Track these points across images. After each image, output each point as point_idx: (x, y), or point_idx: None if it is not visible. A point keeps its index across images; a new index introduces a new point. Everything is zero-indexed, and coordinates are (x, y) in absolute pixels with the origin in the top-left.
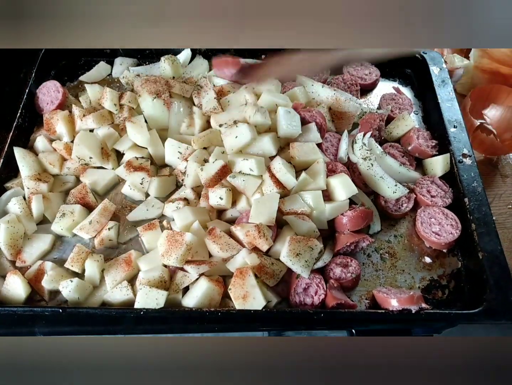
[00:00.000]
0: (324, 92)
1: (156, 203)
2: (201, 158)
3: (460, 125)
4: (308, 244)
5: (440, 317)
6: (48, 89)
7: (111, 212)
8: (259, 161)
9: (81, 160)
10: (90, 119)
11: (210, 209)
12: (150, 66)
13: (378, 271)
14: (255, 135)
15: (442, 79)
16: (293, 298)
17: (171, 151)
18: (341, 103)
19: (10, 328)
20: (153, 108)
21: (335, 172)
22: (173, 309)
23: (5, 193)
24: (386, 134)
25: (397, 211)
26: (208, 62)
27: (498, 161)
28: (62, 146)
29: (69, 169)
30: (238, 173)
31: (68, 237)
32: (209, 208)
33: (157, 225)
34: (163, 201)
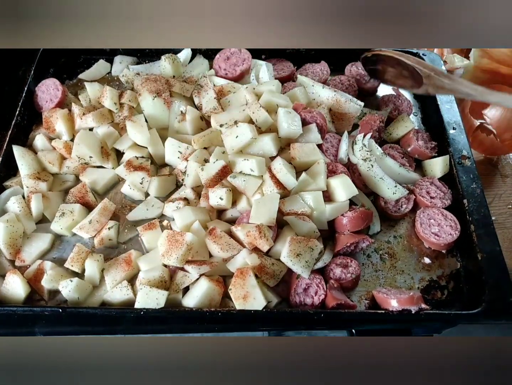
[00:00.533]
0: (324, 93)
1: (156, 203)
2: (201, 158)
3: (459, 127)
4: (309, 245)
5: (440, 318)
6: (47, 87)
7: (111, 212)
8: (259, 161)
9: (81, 159)
10: (89, 118)
11: (210, 209)
12: (150, 64)
13: (378, 271)
14: (255, 135)
15: None
16: (293, 298)
17: (171, 150)
18: (342, 104)
19: (9, 328)
20: (153, 108)
21: (336, 173)
22: (173, 309)
23: (4, 191)
24: (386, 135)
25: (396, 212)
26: (209, 61)
27: (498, 161)
28: (61, 145)
29: (69, 168)
30: (238, 173)
31: (68, 236)
32: (209, 208)
33: (157, 224)
34: (163, 200)
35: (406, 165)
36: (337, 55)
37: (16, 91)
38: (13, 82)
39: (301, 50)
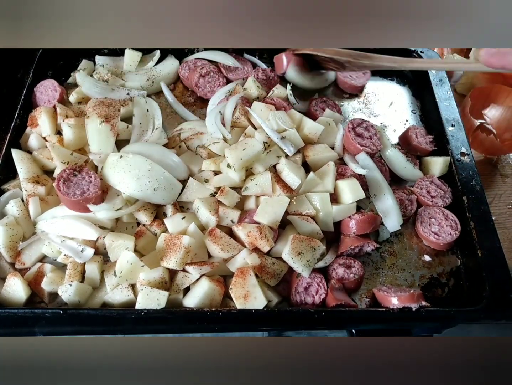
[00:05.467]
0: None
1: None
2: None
3: (458, 124)
4: (311, 244)
5: (440, 315)
6: (46, 88)
7: None
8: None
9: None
10: (71, 121)
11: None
12: (119, 58)
13: (378, 269)
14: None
15: (439, 78)
16: (294, 297)
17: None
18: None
19: (10, 330)
20: (98, 133)
21: (345, 176)
22: (174, 309)
23: (4, 194)
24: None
25: (403, 215)
26: (179, 62)
27: (498, 161)
28: (55, 139)
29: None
30: (250, 181)
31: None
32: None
33: (145, 230)
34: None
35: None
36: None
37: (15, 94)
38: (12, 85)
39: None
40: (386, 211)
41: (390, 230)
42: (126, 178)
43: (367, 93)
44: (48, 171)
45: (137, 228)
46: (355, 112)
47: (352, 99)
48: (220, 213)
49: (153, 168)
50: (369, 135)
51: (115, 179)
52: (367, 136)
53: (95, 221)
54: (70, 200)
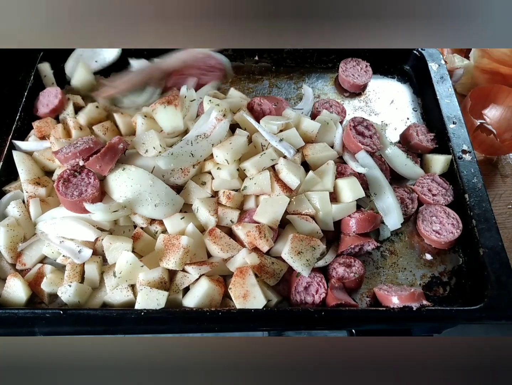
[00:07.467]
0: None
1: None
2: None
3: (460, 122)
4: (311, 243)
5: (442, 314)
6: (49, 93)
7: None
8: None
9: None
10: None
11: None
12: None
13: (379, 268)
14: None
15: (440, 76)
16: (294, 297)
17: None
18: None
19: (11, 330)
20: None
21: (344, 175)
22: (174, 310)
23: (5, 196)
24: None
25: (404, 213)
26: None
27: (498, 161)
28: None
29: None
30: (249, 180)
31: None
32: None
33: (142, 233)
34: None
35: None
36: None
37: (16, 96)
38: (13, 87)
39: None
40: (386, 209)
41: (390, 229)
42: (128, 193)
43: (368, 91)
44: (49, 172)
45: (134, 230)
46: (355, 110)
47: (353, 98)
48: (219, 213)
49: (155, 184)
50: (370, 134)
51: (117, 193)
52: (368, 135)
53: (93, 222)
54: (68, 201)
